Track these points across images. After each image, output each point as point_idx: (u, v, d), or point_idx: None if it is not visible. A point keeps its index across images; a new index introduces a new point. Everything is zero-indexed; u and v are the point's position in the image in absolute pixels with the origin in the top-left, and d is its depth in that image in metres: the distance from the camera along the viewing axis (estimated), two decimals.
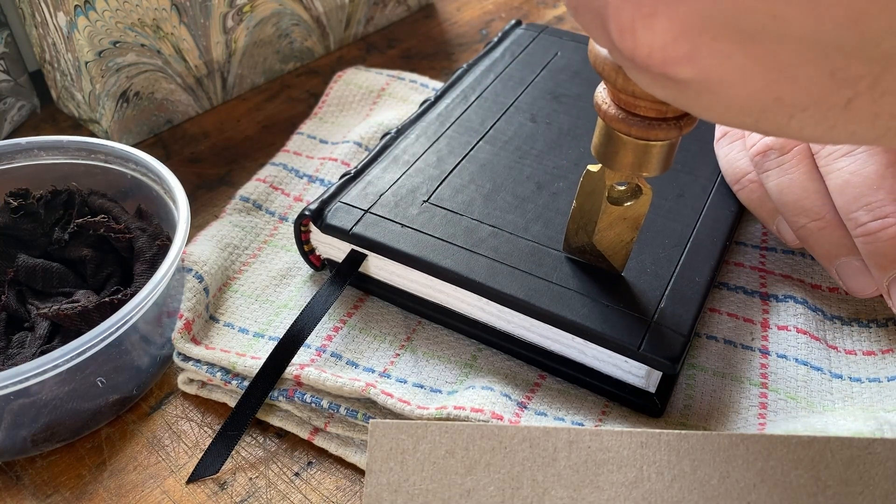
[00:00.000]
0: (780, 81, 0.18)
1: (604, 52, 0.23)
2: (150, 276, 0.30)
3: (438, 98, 0.41)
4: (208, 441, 0.31)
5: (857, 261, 0.30)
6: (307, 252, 0.36)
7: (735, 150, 0.35)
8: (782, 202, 0.32)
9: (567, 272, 0.31)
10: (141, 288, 0.30)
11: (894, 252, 0.28)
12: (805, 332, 0.32)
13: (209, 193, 0.43)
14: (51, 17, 0.41)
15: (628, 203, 0.29)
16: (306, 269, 0.37)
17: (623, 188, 0.29)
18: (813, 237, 0.31)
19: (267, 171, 0.41)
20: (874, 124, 0.19)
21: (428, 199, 0.34)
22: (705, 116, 0.20)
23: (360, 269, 0.34)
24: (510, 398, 0.30)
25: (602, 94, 0.25)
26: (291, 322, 0.32)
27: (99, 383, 0.30)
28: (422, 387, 0.31)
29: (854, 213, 0.29)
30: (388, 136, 0.38)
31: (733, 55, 0.18)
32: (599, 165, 0.28)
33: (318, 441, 0.30)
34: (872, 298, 0.34)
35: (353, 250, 0.34)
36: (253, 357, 0.31)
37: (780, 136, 0.20)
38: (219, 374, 0.32)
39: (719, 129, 0.37)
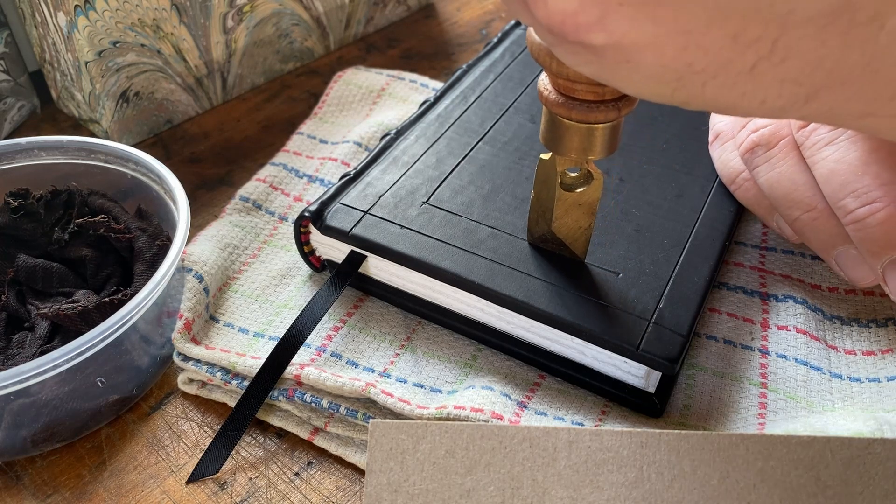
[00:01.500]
0: (689, 47, 0.19)
1: (538, 37, 0.24)
2: (150, 276, 0.30)
3: (438, 99, 0.41)
4: (208, 441, 0.31)
5: (854, 250, 0.30)
6: (307, 253, 0.36)
7: (727, 151, 0.35)
8: (774, 197, 0.32)
9: (566, 273, 0.31)
10: (141, 288, 0.30)
11: (885, 237, 0.28)
12: (805, 332, 0.32)
13: (209, 193, 0.43)
14: (51, 17, 0.41)
15: (581, 189, 0.30)
16: (306, 269, 0.37)
17: (575, 175, 0.30)
18: (808, 229, 0.31)
19: (267, 171, 0.41)
20: (780, 91, 0.20)
21: (427, 200, 0.34)
22: (630, 90, 0.21)
23: (360, 270, 0.34)
24: (510, 398, 0.30)
25: (544, 81, 0.26)
26: (291, 322, 0.32)
27: (99, 383, 0.30)
28: (422, 386, 0.31)
29: (842, 201, 0.29)
30: (387, 137, 0.38)
31: (641, 20, 0.18)
32: (551, 153, 0.29)
33: (318, 441, 0.30)
34: (872, 298, 0.34)
35: (352, 251, 0.34)
36: (253, 357, 0.31)
37: (697, 106, 0.21)
38: (219, 374, 0.32)
39: (711, 132, 0.37)
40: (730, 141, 0.35)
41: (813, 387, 0.31)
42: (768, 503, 0.24)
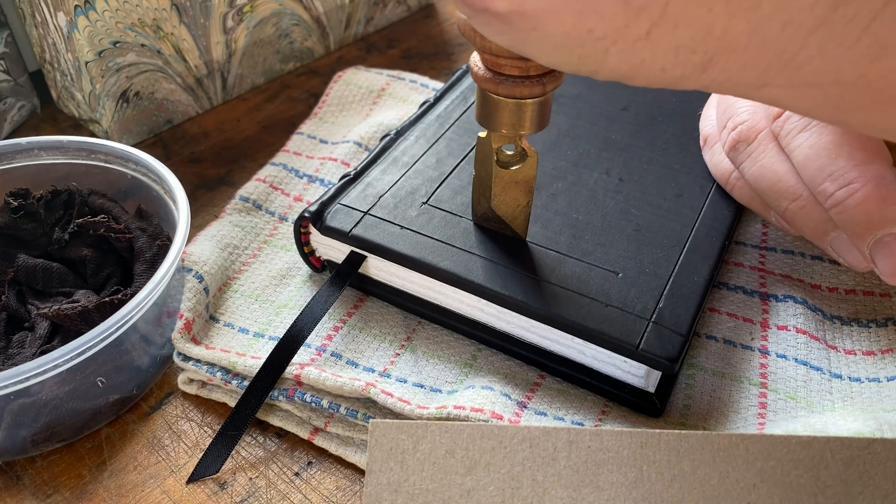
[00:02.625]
0: (586, 12, 0.19)
1: (464, 15, 0.25)
2: (150, 276, 0.30)
3: (438, 99, 0.41)
4: (208, 441, 0.31)
5: (844, 234, 0.30)
6: (307, 254, 0.36)
7: (717, 153, 0.35)
8: (761, 190, 0.32)
9: (566, 272, 0.31)
10: (141, 288, 0.30)
11: (866, 217, 0.28)
12: (804, 332, 0.32)
13: (209, 193, 0.43)
14: (51, 17, 0.41)
15: (516, 167, 0.31)
16: (306, 269, 0.37)
17: (511, 152, 0.31)
18: (798, 218, 0.31)
19: (267, 171, 0.41)
20: (677, 58, 0.20)
21: (427, 200, 0.34)
22: (543, 59, 0.22)
23: (360, 270, 0.34)
24: (510, 398, 0.30)
25: (475, 58, 0.27)
26: (291, 322, 0.32)
27: (99, 383, 0.30)
28: (422, 386, 0.31)
29: (820, 186, 0.29)
30: (387, 138, 0.38)
31: None
32: (487, 131, 0.30)
33: (318, 441, 0.30)
34: (872, 298, 0.34)
35: (352, 252, 0.34)
36: (253, 357, 0.31)
37: (605, 75, 0.22)
38: (219, 373, 0.32)
39: (701, 138, 0.37)
40: (717, 143, 0.35)
41: (813, 387, 0.31)
42: (768, 503, 0.24)
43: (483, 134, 0.30)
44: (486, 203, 0.32)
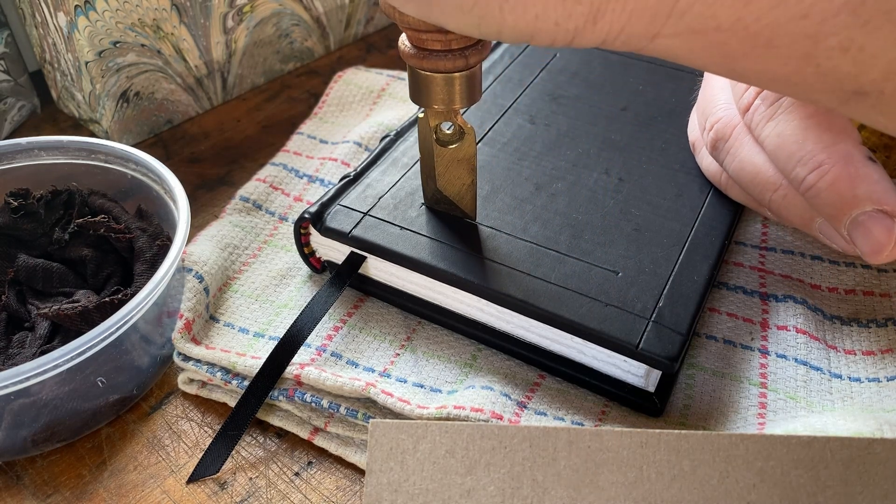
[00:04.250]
0: None
1: None
2: (151, 276, 0.30)
3: None
4: (208, 441, 0.31)
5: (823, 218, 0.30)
6: (307, 254, 0.36)
7: (705, 157, 0.36)
8: (744, 185, 0.32)
9: (566, 272, 0.31)
10: (141, 288, 0.30)
11: (839, 198, 0.27)
12: (804, 332, 0.32)
13: (209, 193, 0.43)
14: (51, 17, 0.41)
15: (455, 145, 0.31)
16: (306, 270, 0.37)
17: (449, 131, 0.31)
18: (782, 208, 0.31)
19: (267, 171, 0.41)
20: (567, 10, 0.21)
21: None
22: (450, 24, 0.23)
23: (360, 271, 0.34)
24: (510, 398, 0.30)
25: (402, 37, 0.28)
26: (291, 322, 0.32)
27: (99, 383, 0.30)
28: (422, 386, 0.31)
29: (792, 172, 0.29)
30: (387, 139, 0.38)
31: None
32: (424, 111, 0.31)
33: (318, 441, 0.30)
34: (872, 298, 0.34)
35: (352, 252, 0.34)
36: (253, 357, 0.31)
37: (509, 36, 0.23)
38: (219, 373, 0.32)
39: (690, 143, 0.37)
40: (703, 146, 0.35)
41: (813, 387, 0.31)
42: (768, 503, 0.24)
43: (421, 114, 0.31)
44: (433, 184, 0.33)
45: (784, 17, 0.21)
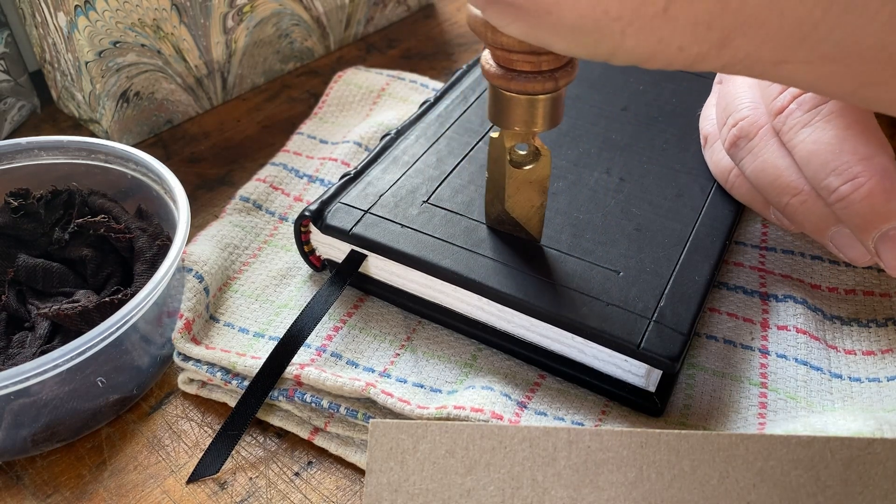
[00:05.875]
0: None
1: (474, 9, 0.25)
2: (151, 276, 0.30)
3: (438, 99, 0.41)
4: (208, 441, 0.31)
5: (847, 228, 0.30)
6: (307, 253, 0.36)
7: (717, 151, 0.35)
8: (761, 186, 0.32)
9: (567, 271, 0.31)
10: (141, 288, 0.30)
11: (871, 211, 0.28)
12: (805, 332, 0.32)
13: (209, 193, 0.43)
14: (51, 17, 0.41)
15: (530, 166, 0.30)
16: (306, 269, 0.37)
17: (524, 152, 0.30)
18: (799, 213, 0.31)
19: (267, 171, 0.41)
20: (694, 35, 0.20)
21: (428, 199, 0.34)
22: (558, 46, 0.22)
23: (360, 270, 0.34)
24: (510, 398, 0.30)
25: (486, 56, 0.27)
26: (291, 322, 0.32)
27: (99, 383, 0.30)
28: (422, 386, 0.31)
29: (824, 181, 0.29)
30: (387, 137, 0.38)
31: None
32: (500, 131, 0.30)
33: (318, 441, 0.30)
34: (872, 298, 0.34)
35: (352, 251, 0.34)
36: (253, 357, 0.31)
37: (623, 58, 0.22)
38: (219, 373, 0.32)
39: (701, 137, 0.37)
40: (717, 141, 0.35)
41: (813, 387, 0.31)
42: (768, 503, 0.24)
43: (495, 134, 0.30)
44: (500, 205, 0.32)
45: None
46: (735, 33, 0.20)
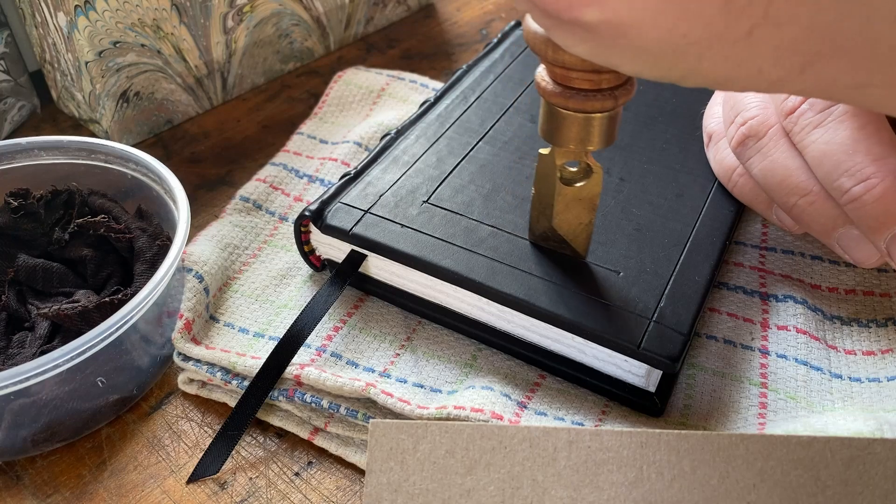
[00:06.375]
0: (683, 17, 0.19)
1: (534, 26, 0.24)
2: (151, 276, 0.30)
3: (438, 99, 0.41)
4: (208, 441, 0.31)
5: (855, 229, 0.30)
6: (307, 252, 0.36)
7: (721, 150, 0.35)
8: (769, 186, 0.32)
9: (567, 271, 0.31)
10: (141, 288, 0.30)
11: (884, 212, 0.28)
12: (805, 332, 0.32)
13: (209, 193, 0.43)
14: (51, 17, 0.41)
15: (580, 183, 0.30)
16: (306, 269, 0.37)
17: (574, 169, 0.30)
18: (806, 214, 0.31)
19: (267, 171, 0.41)
20: (776, 60, 0.20)
21: (428, 199, 0.34)
22: (627, 68, 0.21)
23: (361, 270, 0.34)
24: (510, 398, 0.30)
25: (541, 72, 0.26)
26: (291, 322, 0.32)
27: (99, 383, 0.30)
28: (422, 386, 0.31)
29: (836, 181, 0.29)
30: (387, 137, 0.38)
31: None
32: (550, 147, 0.29)
33: (318, 441, 0.30)
34: (872, 298, 0.34)
35: (353, 251, 0.34)
36: (253, 357, 0.31)
37: (696, 81, 0.21)
38: (219, 373, 0.32)
39: (705, 134, 0.37)
40: (722, 139, 0.35)
41: (813, 387, 0.31)
42: (768, 503, 0.24)
43: (545, 150, 0.29)
44: (547, 222, 0.31)
45: None
46: (820, 58, 0.20)
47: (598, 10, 0.19)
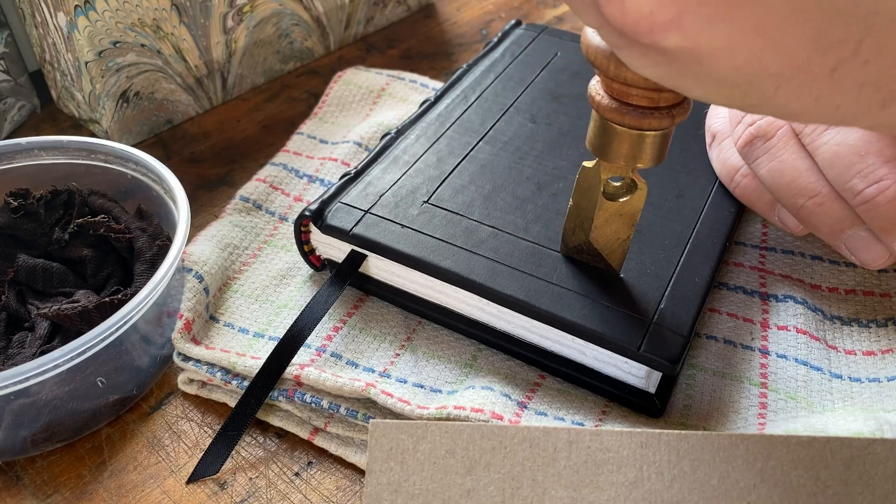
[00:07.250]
0: (766, 49, 0.18)
1: (596, 40, 0.23)
2: (151, 276, 0.30)
3: (438, 98, 0.41)
4: (208, 441, 0.31)
5: (863, 231, 0.30)
6: (307, 252, 0.36)
7: (725, 149, 0.35)
8: (777, 187, 0.32)
9: (567, 273, 0.31)
10: (141, 288, 0.30)
11: None
12: (805, 332, 0.32)
13: (209, 193, 0.43)
14: (51, 17, 0.41)
15: (624, 199, 0.29)
16: (306, 269, 0.37)
17: (618, 184, 0.29)
18: (814, 216, 0.31)
19: (267, 171, 0.41)
20: (858, 96, 0.19)
21: (428, 199, 0.34)
22: (698, 93, 0.20)
23: (361, 270, 0.34)
24: (510, 398, 0.30)
25: (596, 86, 0.26)
26: (291, 322, 0.32)
27: (99, 383, 0.30)
28: (422, 387, 0.31)
29: (848, 183, 0.29)
30: (388, 137, 0.38)
31: (719, 20, 0.18)
32: (595, 161, 0.29)
33: (318, 441, 0.30)
34: (872, 298, 0.34)
35: (353, 251, 0.34)
36: (253, 357, 0.31)
37: (766, 111, 0.20)
38: (219, 374, 0.32)
39: (708, 134, 0.37)
40: (727, 139, 0.35)
41: (813, 387, 0.31)
42: (768, 503, 0.24)
43: (589, 164, 0.29)
44: (584, 235, 0.30)
45: None
46: None
47: (680, 37, 0.18)
